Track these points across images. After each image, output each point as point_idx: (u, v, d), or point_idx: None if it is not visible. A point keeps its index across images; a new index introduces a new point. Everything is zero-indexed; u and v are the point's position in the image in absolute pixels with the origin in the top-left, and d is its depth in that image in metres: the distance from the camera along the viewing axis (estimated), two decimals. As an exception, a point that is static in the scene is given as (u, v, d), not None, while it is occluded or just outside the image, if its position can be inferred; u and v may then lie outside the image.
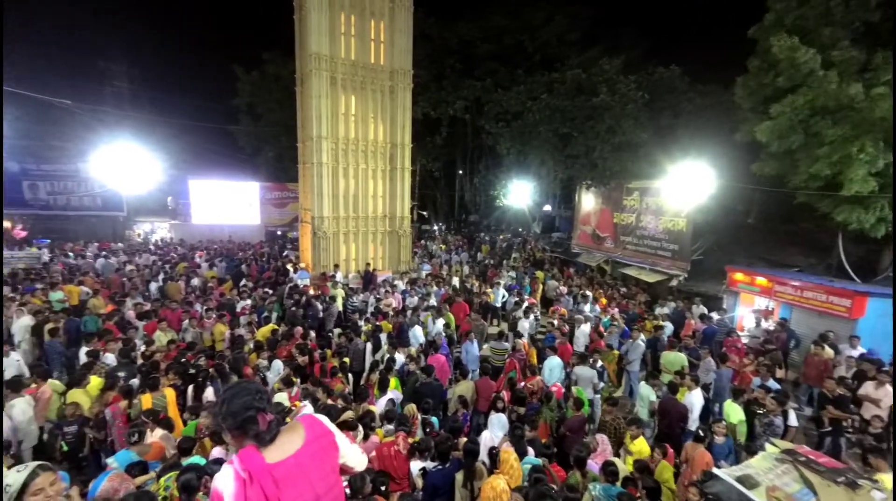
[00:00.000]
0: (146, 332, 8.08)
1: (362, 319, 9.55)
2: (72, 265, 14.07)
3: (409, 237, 14.90)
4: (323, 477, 1.61)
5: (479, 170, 26.34)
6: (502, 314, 11.67)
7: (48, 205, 21.58)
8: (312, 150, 12.65)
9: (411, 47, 13.67)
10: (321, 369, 6.91)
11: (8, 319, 8.17)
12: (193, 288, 11.81)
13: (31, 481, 2.04)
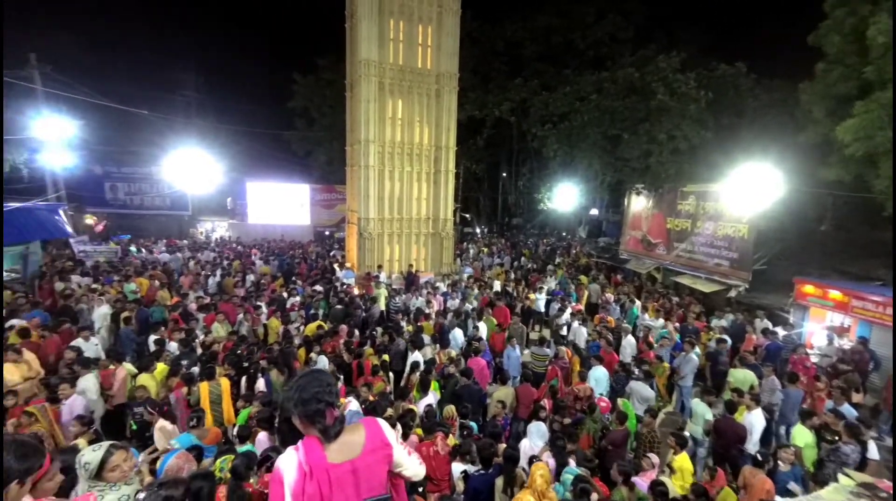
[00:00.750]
0: (205, 323, 8.65)
1: (404, 319, 9.71)
2: (143, 259, 15.39)
3: (452, 240, 14.97)
4: (370, 489, 1.63)
5: (524, 173, 26.01)
6: (545, 320, 11.42)
7: (125, 204, 23.77)
8: (360, 153, 13.04)
9: (458, 51, 13.76)
10: (360, 367, 7.08)
11: (89, 307, 9.05)
12: (248, 284, 12.52)
13: (107, 458, 2.24)
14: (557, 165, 19.73)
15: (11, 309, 8.64)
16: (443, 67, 13.58)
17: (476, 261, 17.12)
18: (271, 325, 8.92)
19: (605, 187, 19.47)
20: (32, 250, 13.29)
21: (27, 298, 9.44)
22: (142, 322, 8.62)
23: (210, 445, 4.42)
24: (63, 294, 9.95)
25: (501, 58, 23.37)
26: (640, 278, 15.36)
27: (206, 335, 8.03)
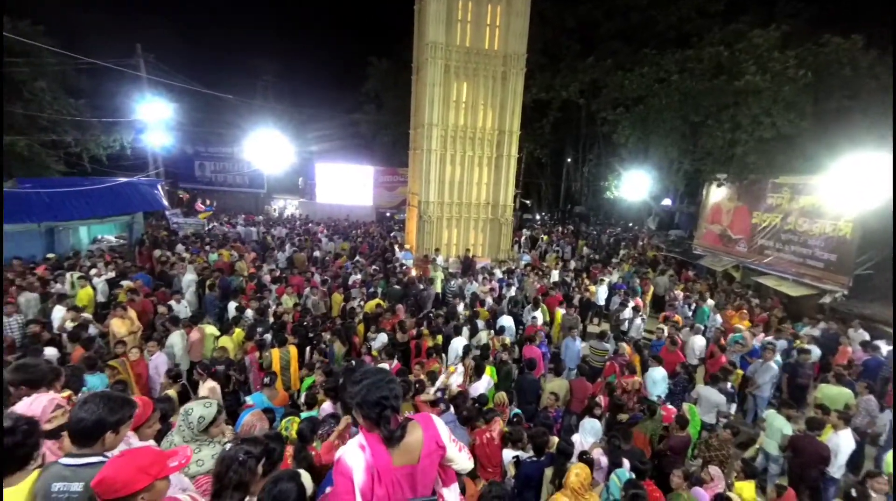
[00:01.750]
0: (277, 294, 9.35)
1: (460, 303, 9.81)
2: (224, 232, 16.90)
3: (511, 226, 14.75)
4: (423, 489, 1.68)
5: (590, 158, 24.81)
6: (605, 314, 10.98)
7: (212, 181, 26.12)
8: (423, 136, 13.16)
9: (527, 31, 13.26)
10: (417, 347, 7.28)
11: (180, 273, 10.14)
12: (315, 260, 13.31)
13: (217, 416, 2.52)
14: (628, 152, 18.54)
15: (121, 271, 9.95)
16: (510, 47, 13.18)
17: (534, 249, 16.76)
18: (335, 300, 9.45)
19: (680, 177, 18.02)
20: (136, 220, 15.12)
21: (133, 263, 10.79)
22: (223, 289, 9.51)
23: (278, 406, 4.81)
24: (160, 261, 11.24)
25: (573, 37, 22.16)
26: (715, 276, 14.18)
27: (278, 305, 8.69)
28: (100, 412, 1.87)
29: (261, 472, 2.00)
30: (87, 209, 12.63)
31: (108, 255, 11.60)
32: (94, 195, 13.01)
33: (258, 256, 12.98)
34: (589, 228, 23.42)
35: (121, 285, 8.69)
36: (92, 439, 1.87)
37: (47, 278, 8.76)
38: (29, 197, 11.39)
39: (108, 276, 9.36)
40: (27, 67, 14.75)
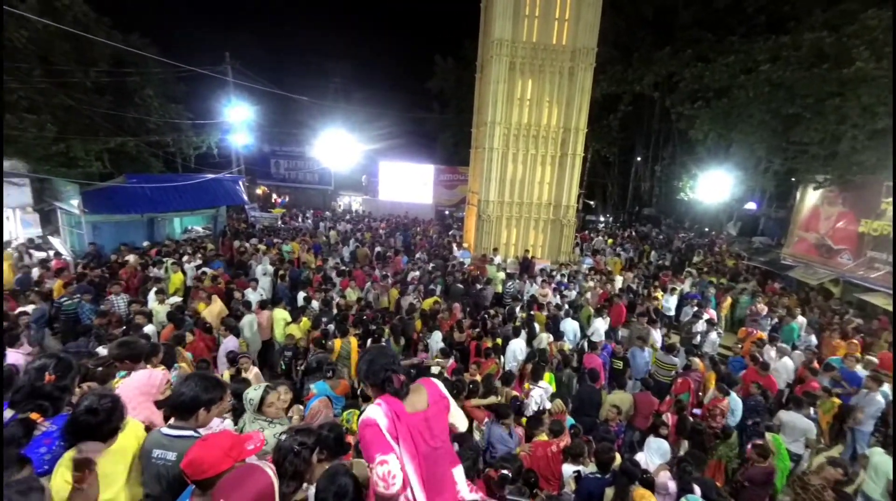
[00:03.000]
0: (341, 287, 9.78)
1: (517, 305, 9.62)
2: (295, 226, 18.01)
3: (573, 228, 14.21)
4: (440, 433, 1.95)
5: (663, 157, 23.20)
6: (674, 326, 10.22)
7: (285, 178, 27.96)
8: (485, 135, 13.06)
9: (598, 23, 12.65)
10: (476, 348, 7.24)
11: (255, 263, 10.95)
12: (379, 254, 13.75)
13: (265, 396, 2.69)
14: (706, 150, 17.08)
15: (205, 259, 10.95)
16: (580, 41, 12.65)
17: (599, 253, 16.02)
18: (392, 295, 9.69)
19: (769, 177, 16.25)
20: (220, 213, 16.59)
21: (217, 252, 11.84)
22: (293, 279, 10.12)
23: (339, 396, 5.01)
24: (238, 251, 12.23)
25: (648, 27, 20.80)
26: (807, 291, 12.63)
27: (341, 297, 9.09)
28: (196, 391, 2.07)
29: (316, 461, 2.09)
30: (181, 202, 14.06)
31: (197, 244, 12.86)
32: (187, 190, 14.45)
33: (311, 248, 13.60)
34: (658, 231, 21.91)
35: (205, 271, 9.59)
36: (188, 413, 2.07)
37: (147, 262, 9.89)
38: (135, 191, 12.92)
39: (196, 263, 10.35)
40: (137, 76, 16.72)
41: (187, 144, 19.83)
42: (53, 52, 14.36)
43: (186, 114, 19.04)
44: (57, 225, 13.52)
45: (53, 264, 9.87)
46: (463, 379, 5.06)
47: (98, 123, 15.83)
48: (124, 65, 16.28)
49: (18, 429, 1.65)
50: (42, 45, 13.95)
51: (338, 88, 31.74)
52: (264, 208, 23.28)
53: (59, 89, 14.35)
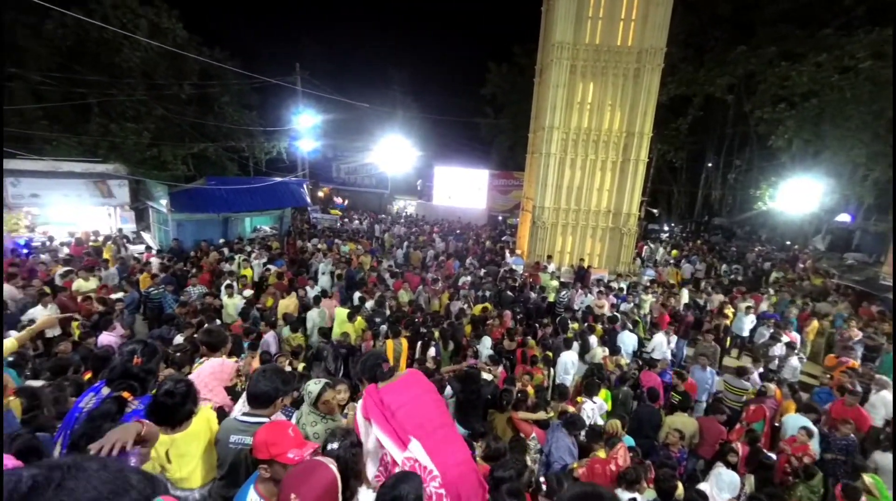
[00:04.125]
0: (394, 289, 10.00)
1: (570, 315, 9.30)
2: (352, 228, 18.74)
3: (634, 237, 13.50)
4: (440, 413, 2.36)
5: (738, 163, 21.46)
6: (748, 347, 9.35)
7: (344, 182, 29.23)
8: (542, 140, 12.81)
9: (668, 22, 11.99)
10: (524, 355, 7.09)
11: (316, 262, 11.51)
12: (428, 259, 13.94)
13: (321, 393, 2.80)
14: (789, 156, 15.53)
15: (270, 257, 11.69)
16: (647, 42, 12.06)
17: (661, 264, 15.10)
18: (442, 299, 9.75)
19: (867, 186, 14.44)
20: (285, 214, 17.66)
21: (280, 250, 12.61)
22: (349, 279, 10.52)
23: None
24: (301, 250, 12.93)
25: (723, 24, 19.37)
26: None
27: (394, 299, 9.30)
28: (276, 383, 2.24)
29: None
30: (252, 203, 15.16)
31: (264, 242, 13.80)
32: (257, 192, 15.55)
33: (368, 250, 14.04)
34: (730, 243, 20.22)
35: (269, 268, 10.26)
36: (267, 403, 2.22)
37: (222, 257, 10.76)
38: (213, 192, 14.12)
39: (263, 260, 11.08)
40: (219, 88, 18.33)
41: (259, 149, 21.38)
42: (155, 70, 16.18)
43: (259, 121, 20.56)
44: (148, 222, 15.13)
45: (145, 256, 11.04)
46: (512, 390, 4.94)
47: (185, 130, 17.57)
48: (208, 77, 17.91)
49: (113, 406, 1.84)
50: (147, 64, 15.79)
51: (397, 96, 32.65)
52: (325, 209, 24.47)
53: (156, 101, 16.13)
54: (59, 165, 13.07)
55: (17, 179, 12.15)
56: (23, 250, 11.40)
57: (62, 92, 15.30)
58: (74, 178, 13.12)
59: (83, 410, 1.97)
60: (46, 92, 15.28)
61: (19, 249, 11.55)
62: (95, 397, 2.01)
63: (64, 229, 12.77)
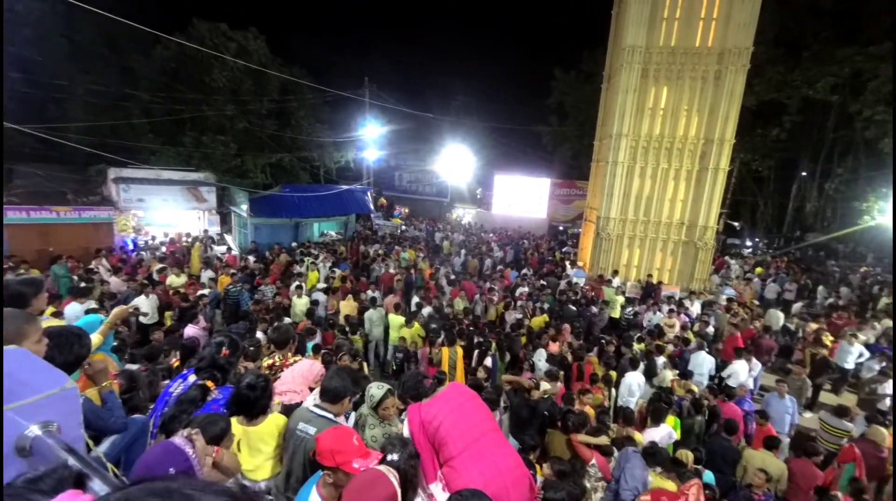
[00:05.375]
0: (451, 296, 10.05)
1: (637, 333, 8.73)
2: (412, 235, 19.17)
3: (710, 251, 12.43)
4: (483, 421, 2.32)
5: (839, 172, 19.04)
6: (851, 382, 8.18)
7: (407, 190, 30.07)
8: (609, 148, 12.28)
9: (755, 20, 11.01)
10: (579, 370, 6.75)
11: (378, 267, 11.90)
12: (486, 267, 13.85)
13: (383, 399, 2.84)
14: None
15: (335, 260, 12.28)
16: (730, 41, 11.16)
17: (741, 281, 13.75)
18: (498, 309, 9.61)
19: None
20: (350, 220, 18.52)
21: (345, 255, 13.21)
22: (408, 285, 10.74)
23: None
24: (363, 255, 13.45)
25: (825, 19, 17.40)
26: None
27: (450, 306, 9.33)
28: (347, 383, 2.33)
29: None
30: (320, 209, 16.10)
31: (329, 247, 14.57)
32: (325, 199, 16.48)
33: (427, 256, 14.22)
34: (829, 262, 17.91)
35: (334, 271, 10.77)
36: (336, 400, 2.32)
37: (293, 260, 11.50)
38: (287, 199, 15.19)
39: (329, 264, 11.67)
40: (295, 102, 19.79)
41: (329, 159, 22.71)
42: (240, 87, 17.88)
43: (330, 132, 21.85)
44: (231, 225, 16.60)
45: (227, 257, 12.11)
46: (574, 411, 4.70)
47: (265, 141, 19.14)
48: (286, 93, 19.41)
49: (198, 393, 2.01)
50: (234, 82, 17.51)
51: (460, 105, 33.14)
52: (387, 216, 25.32)
53: (241, 116, 17.78)
54: (160, 173, 14.81)
55: (128, 185, 13.92)
56: (129, 248, 13.00)
57: (165, 109, 17.38)
58: (172, 185, 14.78)
59: (172, 394, 2.16)
60: (153, 109, 17.44)
61: (126, 247, 13.19)
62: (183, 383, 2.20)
63: (163, 229, 14.42)
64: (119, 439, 2.22)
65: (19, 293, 2.05)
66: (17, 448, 0.88)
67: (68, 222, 12.42)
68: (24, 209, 11.77)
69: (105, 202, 13.53)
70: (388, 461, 1.82)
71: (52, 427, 0.91)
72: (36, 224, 11.90)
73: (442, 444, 2.09)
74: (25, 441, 0.87)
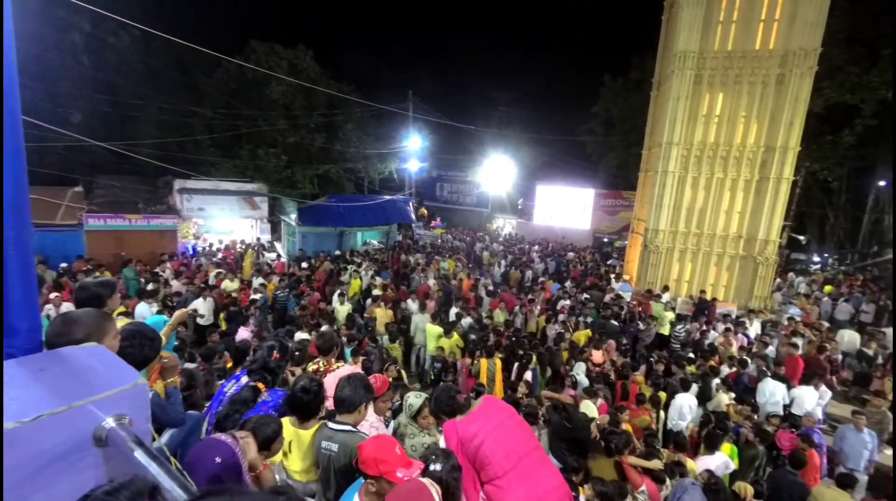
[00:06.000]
0: (490, 308, 9.95)
1: (687, 352, 8.23)
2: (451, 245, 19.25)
3: (772, 267, 11.55)
4: (526, 440, 2.27)
5: (924, 182, 17.13)
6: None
7: (448, 200, 30.33)
8: (659, 157, 11.79)
9: (824, 19, 10.26)
10: (623, 389, 6.42)
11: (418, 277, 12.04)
12: (527, 279, 13.63)
13: (423, 407, 2.85)
14: None
15: (377, 269, 12.54)
16: (794, 43, 10.45)
17: (809, 301, 12.63)
18: (539, 322, 9.40)
19: None
20: (392, 230, 18.90)
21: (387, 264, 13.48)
22: (446, 295, 10.76)
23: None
24: (404, 264, 13.64)
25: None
26: None
27: (489, 318, 9.24)
28: (360, 390, 2.32)
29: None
30: (364, 219, 16.58)
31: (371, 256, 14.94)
32: (369, 209, 16.97)
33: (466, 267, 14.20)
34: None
35: (376, 279, 10.99)
36: (353, 409, 2.32)
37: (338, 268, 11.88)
38: (333, 208, 15.78)
39: (371, 272, 11.95)
40: (342, 116, 20.62)
41: (373, 170, 23.39)
42: (292, 102, 18.90)
43: (375, 144, 22.54)
44: (280, 233, 17.44)
45: (276, 264, 12.70)
46: (619, 432, 4.47)
47: (313, 154, 20.03)
48: (334, 107, 20.28)
49: (250, 394, 2.11)
50: (286, 97, 18.55)
51: (501, 116, 33.20)
52: (427, 226, 25.63)
53: (293, 130, 18.76)
54: (219, 184, 15.88)
55: (191, 195, 15.02)
56: (190, 254, 13.96)
57: (225, 124, 18.67)
58: (229, 195, 15.79)
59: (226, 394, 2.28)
60: (214, 125, 18.79)
61: (188, 252, 14.18)
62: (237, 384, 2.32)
63: (219, 237, 15.40)
64: (177, 433, 2.36)
65: (97, 295, 2.25)
66: (94, 437, 0.96)
67: (138, 229, 13.55)
68: (102, 217, 12.98)
69: (170, 211, 14.66)
70: (430, 471, 1.81)
71: (125, 420, 0.98)
72: (112, 231, 13.07)
73: (485, 463, 2.07)
74: (102, 432, 0.95)
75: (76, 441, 0.92)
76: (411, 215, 19.40)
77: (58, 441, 0.90)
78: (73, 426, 0.91)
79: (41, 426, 0.87)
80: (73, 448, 0.92)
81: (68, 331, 1.35)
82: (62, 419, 0.90)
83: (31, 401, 0.89)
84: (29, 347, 1.13)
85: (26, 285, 1.10)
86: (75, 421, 0.92)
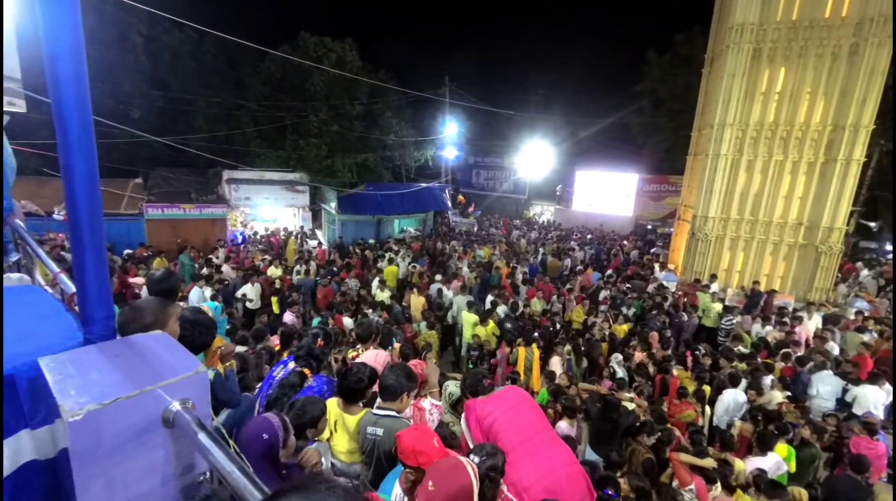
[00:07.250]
0: (527, 296, 9.86)
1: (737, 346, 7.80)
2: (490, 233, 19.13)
3: (836, 257, 10.67)
4: (538, 421, 2.46)
5: None
6: None
7: (484, 187, 30.05)
8: (710, 139, 11.09)
9: (908, -22, 9.15)
10: (663, 383, 6.19)
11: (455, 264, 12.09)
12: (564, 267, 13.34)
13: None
14: None
15: (414, 256, 12.70)
16: (871, 8, 9.43)
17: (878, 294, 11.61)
18: (577, 312, 9.20)
19: None
20: (428, 217, 19.01)
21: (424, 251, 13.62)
22: (484, 283, 10.75)
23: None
24: (441, 252, 13.73)
25: None
26: None
27: (526, 306, 9.17)
28: (402, 379, 2.40)
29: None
30: (401, 207, 16.76)
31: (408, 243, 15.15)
32: (406, 197, 17.11)
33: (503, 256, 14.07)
34: None
35: (415, 266, 11.15)
36: (394, 396, 2.41)
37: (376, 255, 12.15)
38: (371, 197, 16.04)
39: (409, 260, 12.12)
40: (381, 105, 20.79)
41: (410, 158, 23.50)
42: (334, 93, 19.26)
43: (413, 132, 22.59)
44: (321, 221, 17.98)
45: (317, 251, 13.16)
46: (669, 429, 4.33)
47: (352, 143, 20.38)
48: (374, 96, 20.46)
49: (297, 379, 2.23)
50: (329, 87, 18.93)
51: (540, 100, 32.25)
52: (463, 213, 25.56)
53: (333, 120, 19.15)
54: (263, 174, 16.53)
55: (238, 185, 15.75)
56: (239, 242, 14.72)
57: (269, 116, 19.32)
58: (273, 184, 16.41)
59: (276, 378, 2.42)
60: (260, 117, 19.50)
61: (236, 240, 14.95)
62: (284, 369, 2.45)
63: (264, 225, 16.11)
64: (232, 413, 2.53)
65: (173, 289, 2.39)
66: (163, 418, 1.05)
67: (191, 218, 14.41)
68: (160, 207, 13.90)
69: (220, 200, 15.46)
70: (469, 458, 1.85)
71: (189, 404, 1.07)
72: (168, 220, 13.98)
73: (496, 438, 2.25)
74: (170, 414, 1.03)
75: (147, 422, 1.01)
76: (447, 202, 19.41)
77: (131, 421, 0.99)
78: (144, 409, 1.00)
79: (118, 407, 0.96)
80: (145, 428, 1.01)
81: (138, 317, 1.48)
82: (136, 402, 0.98)
83: (110, 384, 0.99)
84: (105, 333, 1.25)
85: (101, 280, 1.21)
86: (146, 404, 1.00)
